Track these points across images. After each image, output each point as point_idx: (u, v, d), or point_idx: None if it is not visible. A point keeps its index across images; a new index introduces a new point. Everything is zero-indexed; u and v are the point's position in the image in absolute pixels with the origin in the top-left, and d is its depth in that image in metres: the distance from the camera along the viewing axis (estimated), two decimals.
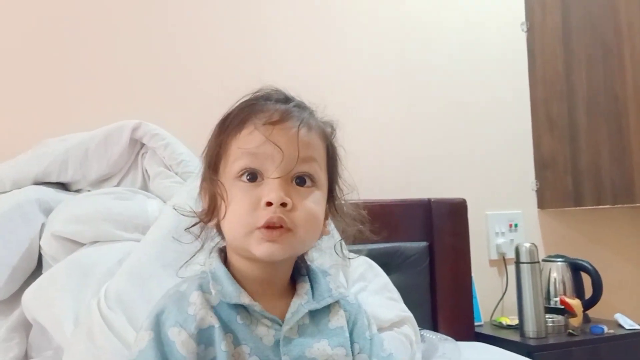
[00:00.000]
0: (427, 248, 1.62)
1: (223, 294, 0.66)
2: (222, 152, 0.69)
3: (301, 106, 0.73)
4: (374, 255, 1.44)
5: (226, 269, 0.69)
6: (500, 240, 1.86)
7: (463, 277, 1.65)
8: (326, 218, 0.74)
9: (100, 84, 1.45)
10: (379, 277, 1.28)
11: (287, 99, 0.73)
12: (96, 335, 0.81)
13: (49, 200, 1.12)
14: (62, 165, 1.17)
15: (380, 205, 1.61)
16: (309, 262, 0.76)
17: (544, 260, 1.72)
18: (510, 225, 1.88)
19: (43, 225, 1.08)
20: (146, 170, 1.21)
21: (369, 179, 1.70)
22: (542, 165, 1.95)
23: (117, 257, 0.98)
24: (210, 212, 0.70)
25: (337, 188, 0.76)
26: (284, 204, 0.64)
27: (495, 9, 1.97)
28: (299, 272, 0.74)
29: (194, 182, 0.94)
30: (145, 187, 1.21)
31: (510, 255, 1.78)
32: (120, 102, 1.45)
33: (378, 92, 1.77)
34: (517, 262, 1.59)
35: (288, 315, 0.68)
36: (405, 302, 1.30)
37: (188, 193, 0.91)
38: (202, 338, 0.64)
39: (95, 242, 1.04)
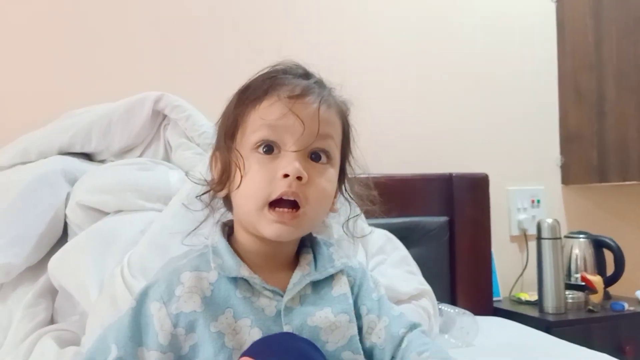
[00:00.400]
0: (447, 223, 1.62)
1: (223, 267, 0.67)
2: (240, 122, 0.69)
3: (321, 83, 0.73)
4: (394, 229, 1.44)
5: (227, 243, 0.70)
6: (522, 216, 1.84)
7: (483, 252, 1.65)
8: (335, 196, 0.74)
9: (123, 56, 1.46)
10: (398, 250, 1.28)
11: (307, 75, 0.72)
12: (119, 301, 0.84)
13: (74, 170, 1.14)
14: (85, 136, 1.18)
15: (401, 180, 1.60)
16: (313, 234, 0.76)
17: (565, 237, 1.70)
18: (533, 201, 1.86)
19: (68, 194, 1.10)
20: (168, 142, 1.22)
21: (391, 153, 1.70)
22: (568, 140, 1.92)
23: (140, 227, 1.00)
24: (222, 182, 0.71)
25: (348, 166, 0.76)
26: (299, 177, 0.65)
27: None
28: (303, 244, 0.75)
29: None
30: (167, 158, 1.22)
31: (532, 231, 1.77)
32: (143, 73, 1.47)
33: (400, 65, 1.75)
34: (539, 238, 1.58)
35: (289, 286, 0.69)
36: (425, 276, 1.30)
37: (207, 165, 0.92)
38: (181, 322, 0.65)
39: (119, 211, 1.06)
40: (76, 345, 0.92)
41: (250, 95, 0.69)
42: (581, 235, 1.70)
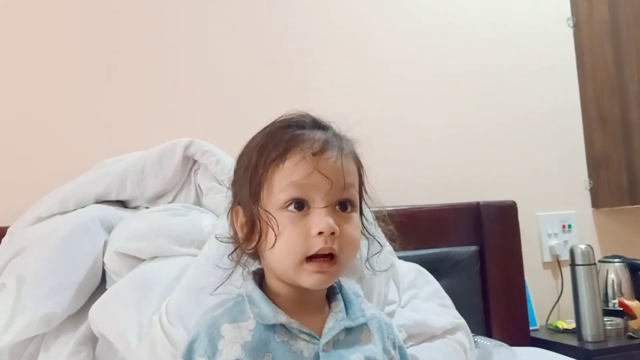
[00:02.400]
0: (477, 252, 1.61)
1: (261, 316, 0.70)
2: (264, 182, 0.71)
3: (333, 131, 0.76)
4: (424, 261, 1.44)
5: (261, 292, 0.73)
6: (554, 242, 1.82)
7: (515, 280, 1.63)
8: None
9: (153, 105, 1.52)
10: (430, 284, 1.28)
11: (318, 124, 0.75)
12: (159, 349, 0.85)
13: (110, 218, 1.17)
14: (120, 184, 1.22)
15: (429, 210, 1.61)
16: (342, 284, 0.80)
17: (600, 262, 1.67)
18: (564, 226, 1.84)
19: (105, 242, 1.14)
20: (199, 186, 1.25)
21: (418, 184, 1.71)
22: (595, 164, 1.90)
23: (176, 272, 1.02)
24: (251, 239, 0.73)
25: (364, 205, 0.79)
26: (333, 232, 0.68)
27: (540, 5, 1.93)
28: (333, 292, 0.78)
29: None
30: (198, 202, 1.25)
31: (565, 257, 1.75)
32: (173, 122, 1.52)
33: (423, 97, 1.77)
34: (572, 265, 1.56)
35: (325, 330, 0.72)
36: (457, 308, 1.29)
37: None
38: None
39: (155, 257, 1.08)
40: None
41: (271, 154, 0.71)
42: (616, 260, 1.68)
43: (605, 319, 1.54)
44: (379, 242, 0.82)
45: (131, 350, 0.92)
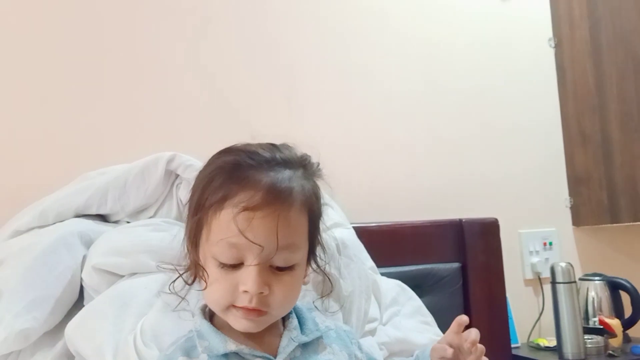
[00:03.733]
0: (459, 269, 1.61)
1: (210, 349, 0.71)
2: (204, 225, 0.72)
3: (289, 170, 0.72)
4: (406, 277, 1.44)
5: (209, 324, 0.74)
6: (535, 259, 1.84)
7: (497, 297, 1.63)
8: (305, 274, 0.78)
9: (137, 118, 1.51)
10: (412, 301, 1.28)
11: (275, 163, 0.72)
12: None
13: (90, 232, 1.16)
14: (102, 197, 1.21)
15: (411, 227, 1.61)
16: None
17: (580, 279, 1.69)
18: (545, 244, 1.86)
19: (84, 257, 1.12)
20: (181, 200, 1.24)
21: (399, 200, 1.72)
22: (576, 182, 1.93)
23: (156, 289, 1.00)
24: (193, 274, 0.76)
25: (318, 247, 0.79)
26: (261, 292, 0.69)
27: (521, 25, 1.96)
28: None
29: None
30: (180, 217, 1.24)
31: (546, 274, 1.76)
32: (157, 135, 1.51)
33: (404, 114, 1.79)
34: (553, 282, 1.57)
35: (280, 349, 0.73)
36: (439, 325, 1.29)
37: None
38: None
39: (134, 273, 1.07)
40: None
41: (210, 198, 0.71)
42: (596, 278, 1.69)
43: (585, 337, 1.55)
44: (330, 282, 0.83)
45: None
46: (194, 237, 0.73)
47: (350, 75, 1.73)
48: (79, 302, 1.09)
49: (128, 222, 1.24)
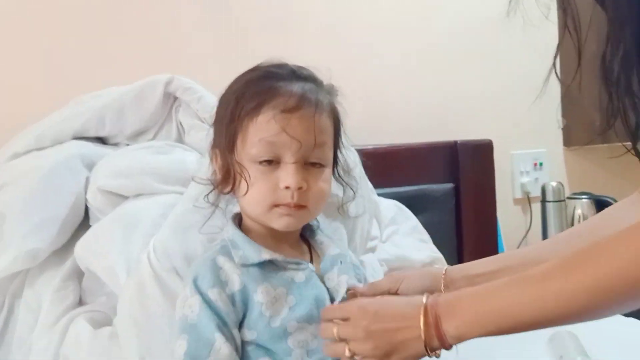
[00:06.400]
0: (453, 189, 1.65)
1: (245, 257, 0.74)
2: (239, 132, 0.74)
3: (312, 80, 0.77)
4: (401, 198, 1.48)
5: (243, 234, 0.77)
6: (525, 179, 1.88)
7: (488, 217, 1.69)
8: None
9: (132, 39, 1.47)
10: (409, 220, 1.32)
11: (299, 76, 0.77)
12: (147, 286, 0.88)
13: (91, 154, 1.16)
14: (99, 120, 1.20)
15: (407, 149, 1.63)
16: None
17: (568, 198, 1.74)
18: (535, 164, 1.89)
19: (87, 179, 1.13)
20: (180, 123, 1.23)
21: (395, 122, 1.72)
22: (569, 102, 1.93)
23: (162, 210, 1.02)
24: (227, 183, 0.77)
25: (339, 154, 0.83)
26: (300, 187, 0.72)
27: None
28: (311, 228, 0.84)
29: None
30: (180, 140, 1.24)
31: (535, 193, 1.81)
32: (152, 56, 1.47)
33: (404, 35, 1.75)
34: (543, 201, 1.62)
35: (315, 257, 0.79)
36: (433, 243, 1.34)
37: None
38: (234, 300, 0.72)
39: (139, 195, 1.08)
40: (108, 325, 0.96)
41: (246, 106, 0.74)
42: (584, 196, 1.74)
43: None
44: (352, 190, 0.86)
45: (120, 285, 0.94)
46: (230, 145, 0.75)
47: None
48: (85, 223, 1.11)
49: (127, 145, 1.24)
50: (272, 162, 0.73)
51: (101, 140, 1.25)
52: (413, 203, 1.52)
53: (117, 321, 0.93)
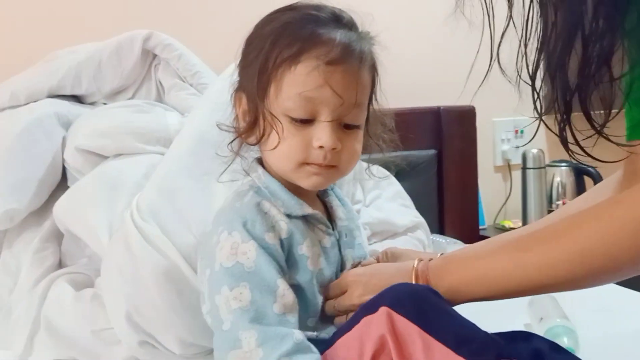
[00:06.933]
0: (435, 155, 1.65)
1: (286, 207, 0.70)
2: (273, 81, 0.67)
3: (358, 32, 0.71)
4: (383, 163, 1.47)
5: (279, 183, 0.71)
6: (506, 147, 1.89)
7: (470, 183, 1.70)
8: None
9: None
10: (393, 185, 1.31)
11: (342, 23, 0.70)
12: (133, 245, 0.84)
13: (67, 113, 1.12)
14: (75, 77, 1.16)
15: (391, 114, 1.62)
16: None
17: (548, 166, 1.76)
18: (517, 132, 1.90)
19: (64, 138, 1.09)
20: (160, 82, 1.20)
21: (379, 87, 1.70)
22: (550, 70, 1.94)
23: (144, 170, 1.00)
24: (250, 133, 0.71)
25: (372, 109, 0.77)
26: (334, 148, 0.67)
27: None
28: (325, 190, 0.79)
29: (214, 97, 0.95)
30: (159, 99, 1.21)
31: (515, 161, 1.82)
32: (130, 11, 1.41)
33: (386, 1, 1.71)
34: (524, 168, 1.63)
35: (339, 222, 0.76)
36: (415, 208, 1.34)
37: (212, 110, 0.92)
38: (284, 245, 0.69)
39: (119, 155, 1.05)
40: (90, 287, 0.94)
41: (283, 51, 0.66)
42: (563, 164, 1.76)
43: None
44: (381, 150, 0.82)
45: (102, 246, 0.92)
46: (262, 93, 0.68)
47: None
48: (62, 183, 1.09)
49: (105, 104, 1.20)
50: (307, 120, 0.67)
51: (77, 99, 1.21)
52: (396, 168, 1.52)
53: (100, 281, 0.92)
